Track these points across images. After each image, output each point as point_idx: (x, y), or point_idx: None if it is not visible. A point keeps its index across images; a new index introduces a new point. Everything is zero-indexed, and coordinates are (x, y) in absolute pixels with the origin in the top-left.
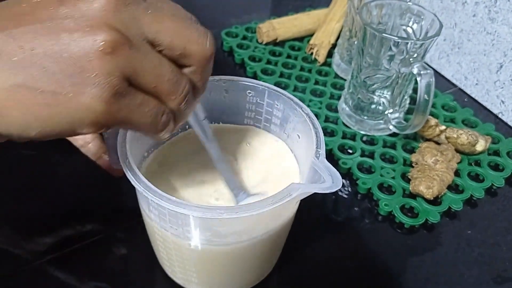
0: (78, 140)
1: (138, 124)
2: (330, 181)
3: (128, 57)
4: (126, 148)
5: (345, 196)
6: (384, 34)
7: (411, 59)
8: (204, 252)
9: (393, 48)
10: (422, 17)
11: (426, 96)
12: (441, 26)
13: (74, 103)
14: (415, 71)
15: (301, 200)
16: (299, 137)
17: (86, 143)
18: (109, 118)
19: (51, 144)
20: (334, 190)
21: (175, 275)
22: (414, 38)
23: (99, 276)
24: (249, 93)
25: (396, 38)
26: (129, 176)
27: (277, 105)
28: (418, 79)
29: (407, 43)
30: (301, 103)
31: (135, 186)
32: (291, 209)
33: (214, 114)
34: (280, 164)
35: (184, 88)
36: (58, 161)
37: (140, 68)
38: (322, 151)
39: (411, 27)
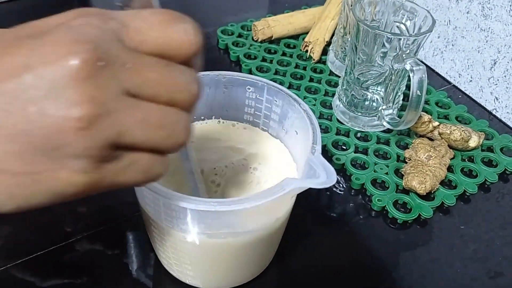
0: None
1: (128, 183)
2: (325, 177)
3: (107, 126)
4: None
5: (339, 192)
6: (377, 30)
7: (404, 55)
8: (199, 245)
9: (386, 44)
10: (415, 13)
11: (418, 92)
12: (433, 22)
13: (53, 180)
14: (407, 67)
15: (296, 196)
16: (296, 133)
17: None
18: (93, 187)
19: None
20: (328, 186)
21: (171, 267)
22: (407, 34)
23: (97, 269)
24: (249, 88)
25: (389, 34)
26: None
27: (276, 101)
28: (411, 75)
29: (400, 39)
30: (299, 99)
31: None
32: (287, 204)
33: (214, 110)
34: (277, 161)
35: (178, 126)
36: None
37: (124, 129)
38: (318, 147)
39: (404, 24)
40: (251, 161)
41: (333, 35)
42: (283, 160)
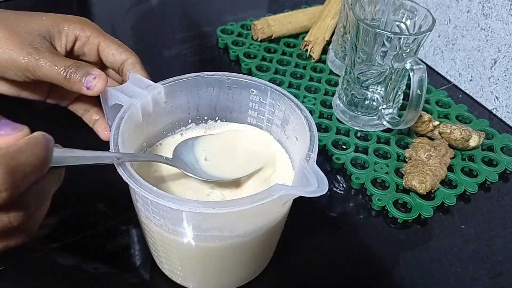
0: (78, 110)
1: None
2: (316, 185)
3: None
4: (118, 136)
5: (339, 191)
6: (377, 30)
7: (404, 55)
8: (187, 246)
9: (386, 44)
10: (415, 12)
11: (418, 91)
12: (434, 21)
13: None
14: (407, 66)
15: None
16: (297, 139)
17: (86, 111)
18: None
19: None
20: (318, 195)
21: (163, 266)
22: (407, 33)
23: (95, 265)
24: (252, 91)
25: (389, 33)
26: (116, 164)
27: (279, 105)
28: (411, 74)
29: (400, 38)
30: (301, 105)
31: (120, 174)
32: (279, 210)
33: (218, 111)
34: (276, 166)
35: None
36: None
37: None
38: (313, 155)
39: (404, 23)
40: (250, 165)
41: (333, 34)
42: (282, 166)
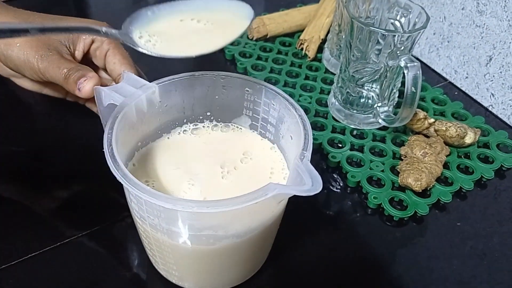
0: (94, 107)
1: None
2: (310, 184)
3: None
4: (112, 136)
5: (335, 190)
6: (371, 27)
7: (398, 52)
8: (182, 246)
9: (381, 41)
10: (409, 10)
11: (413, 89)
12: (428, 18)
13: None
14: (402, 63)
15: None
16: (291, 138)
17: None
18: None
19: (42, 137)
20: (312, 194)
21: (158, 266)
22: (401, 31)
23: (90, 265)
24: (247, 91)
25: (383, 31)
26: (110, 163)
27: (273, 104)
28: (405, 71)
29: (394, 35)
30: (295, 104)
31: (114, 174)
32: (273, 209)
33: (213, 111)
34: (270, 166)
35: None
36: (52, 155)
37: None
38: (308, 154)
39: (398, 21)
40: (244, 165)
41: (328, 32)
42: (277, 165)
